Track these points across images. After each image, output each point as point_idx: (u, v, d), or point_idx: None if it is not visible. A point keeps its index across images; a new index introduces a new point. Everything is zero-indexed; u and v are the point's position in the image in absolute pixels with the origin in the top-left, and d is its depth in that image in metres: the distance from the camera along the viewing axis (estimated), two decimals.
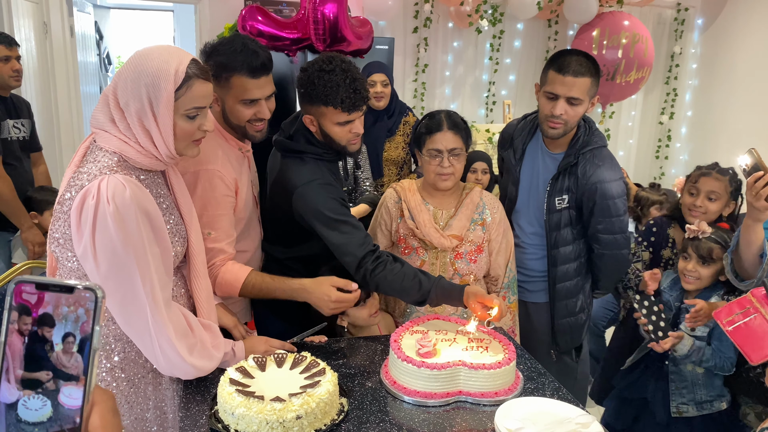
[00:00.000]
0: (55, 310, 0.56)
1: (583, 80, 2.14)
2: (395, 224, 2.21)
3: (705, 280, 2.17)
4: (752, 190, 1.88)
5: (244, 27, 3.56)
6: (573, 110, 2.18)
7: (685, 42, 5.53)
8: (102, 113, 1.51)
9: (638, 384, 2.30)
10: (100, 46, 6.89)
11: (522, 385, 1.72)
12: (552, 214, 2.34)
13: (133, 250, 1.40)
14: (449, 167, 2.06)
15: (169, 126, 1.49)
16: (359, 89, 1.89)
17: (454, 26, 5.07)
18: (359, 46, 3.76)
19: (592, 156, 2.27)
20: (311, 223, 1.92)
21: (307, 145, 1.99)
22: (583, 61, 2.16)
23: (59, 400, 0.57)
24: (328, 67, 1.88)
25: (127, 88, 1.47)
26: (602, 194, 2.24)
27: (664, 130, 5.73)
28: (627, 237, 2.35)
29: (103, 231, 1.38)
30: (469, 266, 2.15)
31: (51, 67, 4.27)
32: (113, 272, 1.41)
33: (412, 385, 1.64)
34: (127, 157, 1.49)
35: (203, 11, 4.58)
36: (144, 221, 1.44)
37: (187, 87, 1.51)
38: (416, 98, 5.05)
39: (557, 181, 2.31)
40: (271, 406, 1.39)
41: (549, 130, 2.24)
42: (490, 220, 2.18)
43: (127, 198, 1.40)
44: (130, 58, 1.52)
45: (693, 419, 2.18)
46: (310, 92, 1.90)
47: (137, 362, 1.57)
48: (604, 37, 4.81)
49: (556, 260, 2.39)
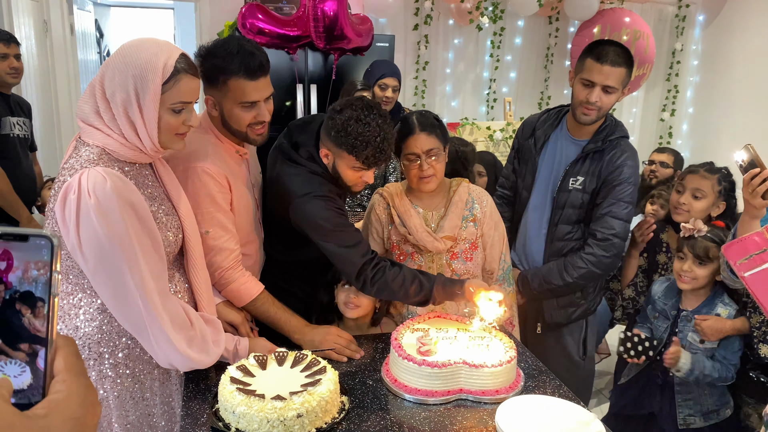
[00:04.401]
0: (24, 274, 0.56)
1: (619, 70, 2.21)
2: (386, 231, 2.17)
3: (701, 281, 2.12)
4: (748, 187, 1.87)
5: (244, 25, 3.55)
6: (607, 98, 2.24)
7: (687, 39, 5.52)
8: (87, 104, 1.51)
9: (641, 399, 2.24)
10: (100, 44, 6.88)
11: (523, 383, 1.72)
12: (562, 192, 2.38)
13: (118, 242, 1.40)
14: (429, 169, 2.02)
15: (154, 119, 1.50)
16: (386, 150, 1.86)
17: (454, 23, 5.06)
18: (359, 43, 3.75)
19: (619, 143, 2.33)
20: (309, 234, 1.92)
21: (310, 163, 1.96)
22: (620, 52, 2.23)
23: (37, 364, 0.56)
24: (365, 119, 1.83)
25: (114, 78, 1.47)
26: (619, 177, 2.28)
27: (665, 127, 5.72)
28: (623, 234, 2.31)
29: (87, 225, 1.38)
30: (465, 265, 2.14)
31: (51, 65, 4.27)
32: (101, 265, 1.42)
33: (413, 383, 1.64)
34: (110, 150, 1.49)
35: (203, 9, 4.57)
36: (128, 212, 1.43)
37: (175, 81, 1.51)
38: (417, 96, 5.05)
39: (577, 164, 2.35)
40: (271, 405, 1.39)
41: (582, 116, 2.29)
42: (480, 214, 2.15)
43: (108, 190, 1.40)
44: (119, 49, 1.51)
45: (700, 431, 2.14)
46: (339, 136, 1.85)
47: (142, 358, 1.57)
48: (605, 34, 4.80)
49: (553, 236, 2.40)
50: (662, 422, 2.19)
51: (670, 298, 2.22)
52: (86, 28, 5.26)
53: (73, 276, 1.51)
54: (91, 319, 1.52)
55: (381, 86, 3.46)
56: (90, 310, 1.52)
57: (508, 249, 2.26)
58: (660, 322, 2.21)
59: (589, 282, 2.40)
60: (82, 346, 1.51)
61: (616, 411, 2.36)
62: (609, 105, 2.27)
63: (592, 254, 2.31)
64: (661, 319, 2.21)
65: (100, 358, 1.53)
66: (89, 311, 1.52)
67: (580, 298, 2.47)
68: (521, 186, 2.52)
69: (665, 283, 2.29)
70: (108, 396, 1.55)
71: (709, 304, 2.13)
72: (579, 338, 2.55)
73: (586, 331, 2.56)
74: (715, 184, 2.32)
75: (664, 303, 2.22)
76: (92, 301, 1.52)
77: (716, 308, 2.12)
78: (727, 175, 2.36)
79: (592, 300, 2.51)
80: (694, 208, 2.32)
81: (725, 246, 1.59)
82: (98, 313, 1.52)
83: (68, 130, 4.50)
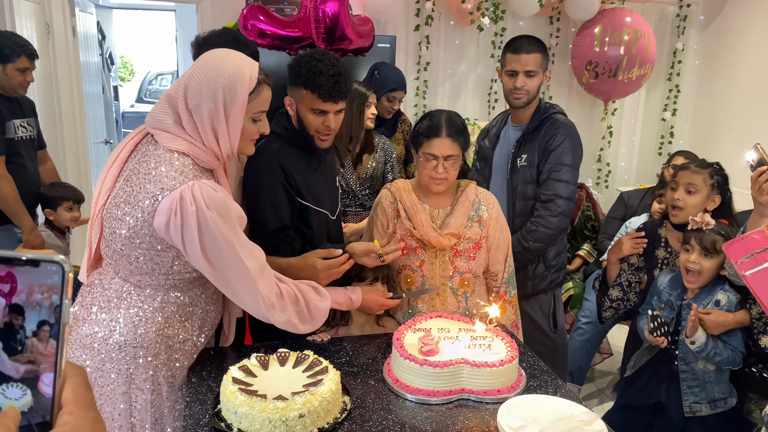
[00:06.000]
0: (28, 299, 0.55)
1: (534, 56, 2.60)
2: (392, 225, 2.20)
3: (707, 273, 2.12)
4: (755, 185, 1.89)
5: (245, 26, 3.56)
6: (531, 81, 2.62)
7: (688, 38, 5.51)
8: (164, 114, 1.60)
9: (648, 389, 2.26)
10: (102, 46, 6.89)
11: (525, 383, 1.72)
12: (513, 173, 2.69)
13: (236, 241, 1.56)
14: (443, 173, 2.05)
15: (238, 127, 1.62)
16: (340, 83, 1.94)
17: (455, 24, 5.06)
18: (361, 44, 3.75)
19: (552, 118, 2.65)
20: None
21: (278, 127, 2.05)
22: (532, 41, 2.64)
23: (39, 389, 0.56)
24: (318, 57, 1.95)
25: (201, 90, 1.57)
26: (554, 143, 2.59)
27: (666, 127, 5.71)
28: (566, 194, 2.57)
29: (208, 233, 1.52)
30: (468, 263, 2.15)
31: (54, 67, 4.27)
32: (222, 263, 1.56)
33: (415, 383, 1.64)
34: (195, 157, 1.59)
35: (205, 11, 4.58)
36: (233, 215, 1.58)
37: (258, 92, 1.64)
38: (418, 96, 5.05)
39: (521, 144, 2.67)
40: (273, 405, 1.40)
41: (515, 101, 2.66)
42: (486, 216, 2.17)
43: (220, 200, 1.54)
44: (200, 62, 1.62)
45: (707, 418, 2.14)
46: (295, 73, 1.97)
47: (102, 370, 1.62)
48: (606, 34, 4.80)
49: (513, 214, 2.66)
50: (669, 411, 2.20)
51: (675, 288, 2.24)
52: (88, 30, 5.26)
53: (135, 277, 1.62)
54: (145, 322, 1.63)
55: (389, 98, 3.48)
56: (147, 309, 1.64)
57: (512, 253, 2.29)
58: (666, 313, 2.22)
59: (545, 244, 2.63)
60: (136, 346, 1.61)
61: (623, 402, 2.37)
62: (535, 87, 2.63)
63: (540, 216, 2.60)
64: (666, 309, 2.22)
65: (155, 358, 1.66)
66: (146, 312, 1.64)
67: (543, 270, 2.72)
68: (482, 180, 2.82)
69: (670, 274, 2.31)
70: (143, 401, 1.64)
71: (711, 291, 2.14)
72: (548, 312, 2.79)
73: (554, 304, 2.81)
74: (707, 177, 2.34)
75: (670, 293, 2.25)
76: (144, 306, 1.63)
77: (716, 294, 2.13)
78: (719, 170, 2.38)
79: (556, 273, 2.77)
80: (688, 204, 2.33)
81: (727, 244, 1.59)
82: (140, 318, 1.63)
83: (71, 132, 4.50)
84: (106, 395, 1.60)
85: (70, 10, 4.56)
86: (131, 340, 1.60)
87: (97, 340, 1.59)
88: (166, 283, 1.63)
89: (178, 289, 1.66)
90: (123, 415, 1.61)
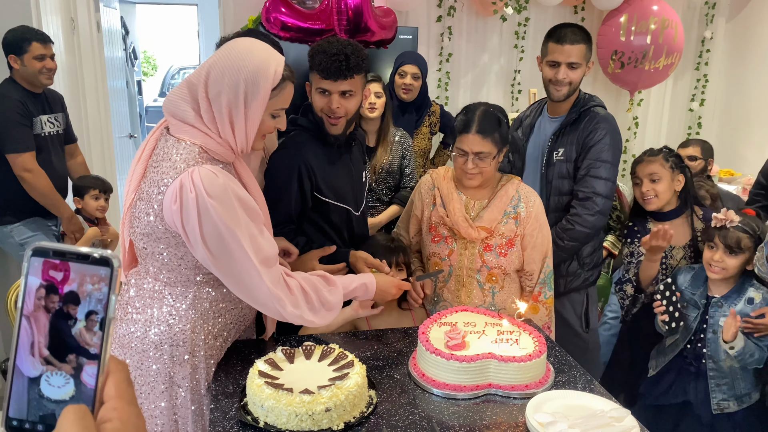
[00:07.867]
0: (79, 288, 0.55)
1: (579, 47, 2.48)
2: (428, 211, 2.19)
3: (731, 270, 2.10)
4: None
5: (268, 19, 3.56)
6: (574, 73, 2.50)
7: (716, 26, 5.38)
8: (183, 100, 1.54)
9: (675, 388, 2.23)
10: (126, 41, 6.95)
11: (553, 378, 1.69)
12: (549, 167, 2.58)
13: (237, 229, 1.49)
14: (473, 168, 2.03)
15: (256, 122, 1.56)
16: (343, 62, 1.90)
17: (478, 14, 5.00)
18: (383, 36, 3.73)
19: (593, 111, 2.53)
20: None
21: (305, 120, 2.06)
22: (577, 31, 2.50)
23: (82, 378, 0.56)
24: (330, 40, 1.96)
25: (223, 79, 1.51)
26: (594, 138, 2.46)
27: (694, 118, 5.60)
28: (605, 192, 2.43)
29: (207, 219, 1.46)
30: (498, 259, 2.11)
31: (79, 62, 4.31)
32: (223, 253, 1.50)
33: (441, 377, 1.62)
34: (207, 149, 1.54)
35: (227, 4, 4.58)
36: (238, 204, 1.51)
37: (281, 89, 1.59)
38: (440, 88, 5.01)
39: (558, 137, 2.56)
40: (300, 399, 1.39)
41: (555, 92, 2.54)
42: (524, 214, 2.11)
43: (222, 185, 1.48)
44: (225, 50, 1.56)
45: (734, 414, 2.13)
46: (309, 57, 1.97)
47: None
48: (632, 23, 4.71)
49: (548, 209, 2.48)
50: (697, 409, 2.17)
51: (697, 287, 2.21)
52: (112, 25, 5.30)
53: (163, 273, 1.61)
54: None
55: (400, 74, 3.47)
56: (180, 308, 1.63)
57: (551, 254, 2.21)
58: (690, 312, 2.19)
59: (580, 243, 2.52)
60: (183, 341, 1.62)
61: (649, 402, 2.34)
62: (578, 79, 2.52)
63: (576, 214, 2.48)
64: (690, 308, 2.19)
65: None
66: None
67: (577, 268, 2.60)
68: (515, 173, 2.67)
69: (690, 272, 2.27)
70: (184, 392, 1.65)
71: (740, 290, 2.12)
72: (581, 311, 2.68)
73: (587, 303, 2.68)
74: (663, 162, 2.42)
75: (692, 292, 2.21)
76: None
77: (747, 292, 2.11)
78: (669, 152, 2.47)
79: (590, 271, 2.64)
80: (659, 191, 2.41)
81: None
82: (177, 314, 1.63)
83: (96, 127, 4.55)
84: (146, 393, 1.61)
85: (95, 6, 4.60)
86: (167, 339, 1.60)
87: (135, 339, 1.60)
88: (195, 278, 1.62)
89: (209, 285, 1.65)
90: (165, 413, 1.62)
